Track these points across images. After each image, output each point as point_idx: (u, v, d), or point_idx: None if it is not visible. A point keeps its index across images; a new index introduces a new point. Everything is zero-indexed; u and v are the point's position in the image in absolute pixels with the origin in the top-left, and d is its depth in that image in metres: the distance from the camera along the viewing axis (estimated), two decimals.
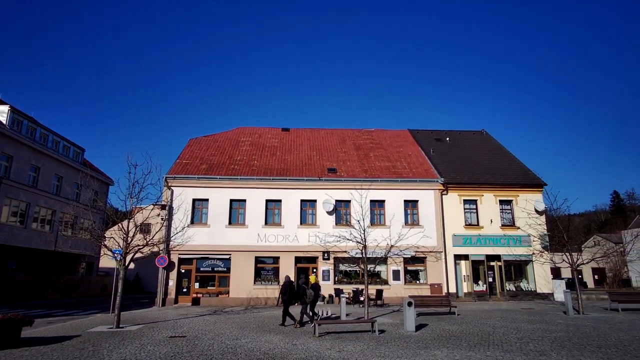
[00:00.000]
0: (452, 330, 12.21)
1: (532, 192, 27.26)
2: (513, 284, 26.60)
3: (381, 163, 28.71)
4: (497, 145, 33.34)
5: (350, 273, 25.29)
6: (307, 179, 25.89)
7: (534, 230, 24.78)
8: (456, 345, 9.46)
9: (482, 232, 26.35)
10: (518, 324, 13.64)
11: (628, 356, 8.04)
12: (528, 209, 26.14)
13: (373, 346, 9.48)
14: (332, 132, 33.52)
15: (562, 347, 9.17)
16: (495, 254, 26.07)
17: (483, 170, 28.86)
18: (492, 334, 11.35)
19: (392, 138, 33.03)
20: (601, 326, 12.89)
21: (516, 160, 30.70)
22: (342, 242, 19.63)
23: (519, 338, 10.51)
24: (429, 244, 25.38)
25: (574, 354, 8.29)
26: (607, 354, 8.33)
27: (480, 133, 35.61)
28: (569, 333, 11.36)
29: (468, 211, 27.01)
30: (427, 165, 28.58)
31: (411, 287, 24.85)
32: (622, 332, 11.45)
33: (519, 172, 28.87)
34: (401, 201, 26.33)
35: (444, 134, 34.39)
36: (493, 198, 27.06)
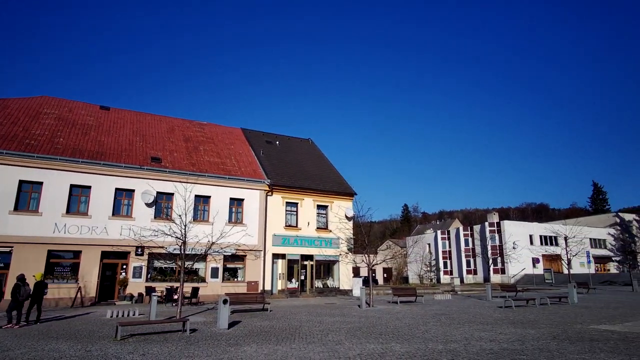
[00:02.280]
0: (264, 326, 12.73)
1: (344, 199, 30.71)
2: (321, 281, 29.37)
3: (210, 158, 28.03)
4: (320, 155, 36.46)
5: (166, 270, 23.80)
6: (126, 166, 23.34)
7: (343, 234, 27.98)
8: (265, 340, 9.89)
9: (299, 234, 28.32)
10: (321, 317, 15.11)
11: (399, 339, 9.81)
12: (340, 214, 29.35)
13: (182, 346, 9.12)
14: (161, 120, 31.09)
15: (354, 335, 10.57)
16: (309, 254, 28.37)
17: (306, 176, 31.12)
18: (298, 327, 12.27)
19: (224, 134, 32.64)
20: (384, 316, 15.37)
21: (334, 170, 34.13)
22: (160, 237, 18.31)
23: (321, 330, 11.65)
24: (250, 242, 25.91)
25: (362, 341, 9.67)
26: (386, 338, 9.98)
27: (307, 141, 38.35)
28: (360, 323, 13.16)
29: (289, 213, 28.68)
30: (256, 165, 29.23)
31: (229, 284, 24.89)
32: (397, 320, 13.89)
33: (335, 181, 32.15)
34: (227, 199, 26.21)
35: (274, 137, 35.77)
36: (312, 202, 29.42)
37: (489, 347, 8.58)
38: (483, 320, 13.53)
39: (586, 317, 14.28)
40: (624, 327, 11.66)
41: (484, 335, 10.25)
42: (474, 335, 10.28)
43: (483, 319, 14.08)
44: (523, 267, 53.39)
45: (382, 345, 9.01)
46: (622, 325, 11.91)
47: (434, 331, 11.18)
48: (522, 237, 56.05)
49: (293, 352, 8.32)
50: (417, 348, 8.66)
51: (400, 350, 8.47)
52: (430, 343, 9.27)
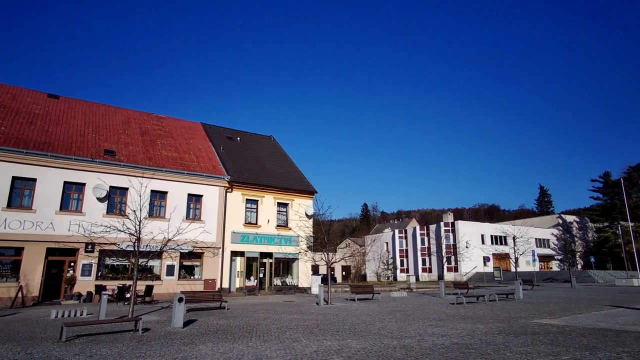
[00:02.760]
0: (220, 324, 12.53)
1: (305, 197, 30.77)
2: (280, 279, 29.29)
3: (168, 153, 27.20)
4: (282, 152, 36.32)
5: (118, 268, 22.89)
6: (77, 159, 22.21)
7: (303, 232, 28.03)
8: (221, 339, 9.74)
9: (259, 231, 28.09)
10: (279, 315, 15.08)
11: (356, 335, 9.98)
12: (300, 212, 29.39)
13: (134, 346, 8.80)
14: (116, 111, 29.78)
15: (311, 333, 10.63)
16: (269, 251, 28.22)
17: (267, 173, 30.90)
18: (256, 325, 12.18)
19: (183, 129, 31.77)
20: (342, 313, 15.56)
21: (295, 168, 34.11)
22: (112, 233, 17.59)
23: (278, 328, 11.63)
24: (208, 239, 25.41)
25: (319, 338, 9.75)
26: (342, 335, 10.12)
27: (269, 138, 38.08)
28: (318, 321, 13.26)
29: (249, 210, 28.38)
30: (216, 161, 28.68)
31: (185, 282, 24.30)
32: (355, 317, 14.11)
33: (296, 179, 32.14)
34: (185, 194, 25.57)
35: (235, 133, 35.24)
36: (272, 200, 29.26)
37: (441, 342, 8.91)
38: (436, 317, 14.01)
39: (530, 312, 15.13)
40: (563, 320, 12.47)
41: (437, 331, 10.62)
42: (427, 331, 10.63)
43: (436, 315, 14.59)
44: (475, 265, 55.81)
45: (338, 342, 9.13)
46: (561, 319, 12.73)
47: (389, 327, 11.45)
48: (475, 236, 58.58)
49: (249, 350, 8.26)
50: (373, 344, 8.84)
51: (356, 346, 8.61)
52: (385, 339, 9.49)
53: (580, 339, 9.06)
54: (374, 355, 7.60)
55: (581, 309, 16.07)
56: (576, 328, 10.84)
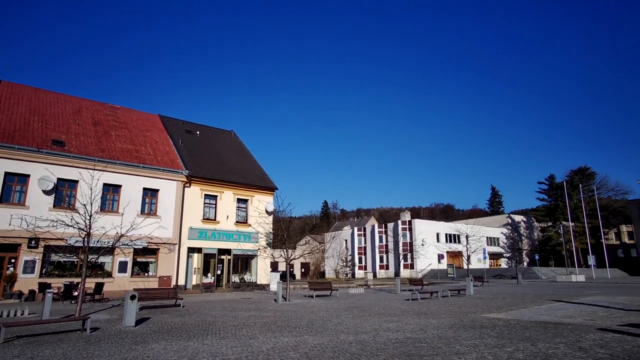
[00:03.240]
0: (175, 322, 12.23)
1: (265, 194, 30.55)
2: (238, 276, 28.95)
3: (123, 145, 26.11)
4: (242, 147, 35.84)
5: (66, 264, 21.73)
6: (20, 148, 20.85)
7: (262, 228, 27.82)
8: (176, 337, 9.51)
9: (217, 227, 27.60)
10: (236, 312, 14.92)
11: (313, 331, 10.06)
12: (260, 208, 29.15)
13: (81, 347, 8.41)
14: (66, 99, 28.19)
15: (269, 329, 10.60)
16: (227, 248, 27.80)
17: (227, 168, 30.39)
18: (212, 323, 11.99)
19: (139, 120, 30.58)
20: (299, 310, 15.62)
21: (256, 164, 33.77)
22: (59, 228, 16.64)
23: (235, 325, 11.51)
24: (164, 235, 24.67)
25: (276, 334, 9.74)
26: (299, 331, 10.17)
27: (230, 133, 37.45)
28: (275, 317, 13.24)
29: (208, 206, 27.81)
30: (174, 155, 27.87)
31: (138, 279, 23.48)
32: (312, 314, 14.21)
33: (257, 175, 31.84)
34: (140, 188, 24.67)
35: (195, 127, 34.39)
36: (232, 196, 28.83)
37: (395, 337, 9.16)
38: (391, 312, 14.38)
39: (479, 307, 15.87)
40: (509, 314, 13.18)
41: (391, 326, 10.91)
42: (382, 326, 10.90)
43: (391, 311, 14.97)
44: (430, 262, 57.71)
45: (295, 338, 9.17)
46: (507, 314, 13.45)
47: (346, 323, 11.63)
48: (430, 235, 60.55)
49: (205, 348, 8.12)
50: (329, 340, 8.95)
51: (313, 342, 8.68)
52: (342, 334, 9.64)
53: (524, 332, 9.61)
54: (330, 351, 7.70)
55: (525, 303, 17.03)
56: (520, 321, 11.49)
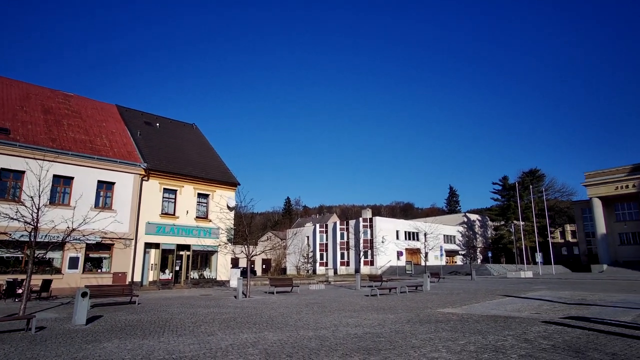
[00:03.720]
0: (130, 319, 11.83)
1: (227, 189, 30.08)
2: (197, 272, 28.37)
3: (76, 135, 24.86)
4: (204, 141, 35.06)
5: (9, 260, 20.45)
6: None
7: (223, 224, 27.38)
8: (130, 335, 9.21)
9: (177, 222, 26.90)
10: (195, 309, 14.63)
11: (273, 328, 10.05)
12: (221, 204, 28.67)
13: (24, 347, 7.96)
14: (12, 84, 26.44)
15: (228, 326, 10.48)
16: (186, 243, 27.16)
17: (188, 162, 29.64)
18: (169, 320, 11.69)
19: (94, 110, 29.19)
20: (260, 306, 15.54)
21: (218, 158, 33.16)
22: (2, 221, 15.62)
23: (193, 322, 11.29)
24: (119, 230, 23.75)
25: (235, 331, 9.65)
26: (259, 327, 10.13)
27: (191, 126, 36.52)
28: (235, 314, 13.10)
29: (167, 200, 27.03)
30: (132, 147, 26.85)
31: (91, 276, 22.48)
32: (273, 310, 14.18)
33: (219, 169, 31.27)
34: (94, 181, 23.60)
35: (154, 119, 33.27)
36: (192, 190, 28.17)
37: (354, 332, 9.32)
38: (351, 308, 14.61)
39: (435, 302, 16.43)
40: (462, 309, 13.74)
41: (351, 322, 11.09)
42: (341, 322, 11.05)
43: (351, 306, 15.20)
44: (389, 259, 58.96)
45: (255, 335, 9.12)
46: (461, 308, 14.02)
47: (306, 319, 11.70)
48: (390, 232, 61.87)
49: (161, 346, 7.91)
50: (289, 335, 8.97)
51: (272, 338, 8.68)
52: (302, 330, 9.69)
53: (475, 325, 10.06)
54: (290, 347, 7.73)
55: (478, 298, 17.80)
56: (473, 316, 12.01)
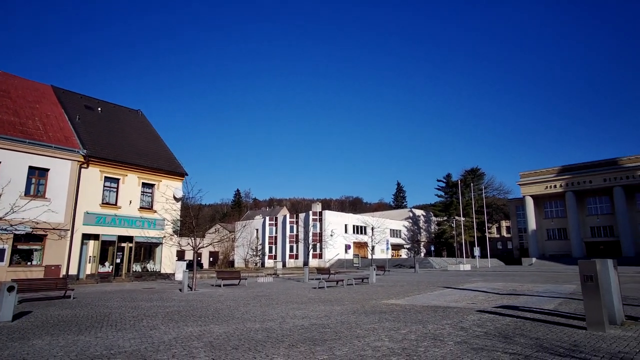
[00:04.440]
0: (63, 315, 11.15)
1: (174, 179, 29.07)
2: (140, 265, 27.24)
3: (4, 116, 22.87)
4: (150, 129, 33.58)
5: None
6: None
7: (169, 215, 26.46)
8: (63, 331, 8.69)
9: (119, 212, 25.63)
10: (137, 302, 14.06)
11: (219, 320, 9.92)
12: (167, 194, 27.66)
13: None
14: None
15: (171, 320, 10.19)
16: (129, 235, 25.98)
17: (132, 150, 28.27)
18: (108, 315, 11.16)
19: (27, 90, 26.96)
20: (206, 299, 15.25)
21: (165, 147, 31.92)
22: None
23: (135, 316, 10.85)
24: (54, 220, 22.23)
25: (179, 325, 9.41)
26: (205, 321, 9.95)
27: (136, 112, 34.82)
28: (180, 307, 12.76)
29: (108, 189, 25.67)
30: (69, 131, 25.15)
31: (19, 269, 20.89)
32: (219, 303, 13.97)
33: (165, 158, 30.12)
34: (25, 167, 21.87)
35: (96, 103, 31.34)
36: (137, 179, 26.95)
37: (301, 324, 9.42)
38: (298, 300, 14.73)
39: (380, 294, 16.97)
40: (405, 300, 14.32)
41: (298, 313, 11.19)
42: (289, 314, 11.12)
43: (299, 299, 15.33)
44: (337, 252, 59.99)
45: (200, 328, 8.96)
46: (404, 300, 14.61)
47: (253, 312, 11.65)
48: (339, 226, 62.89)
49: (98, 342, 7.54)
50: (236, 328, 8.90)
51: (218, 331, 8.56)
52: (249, 323, 9.64)
53: (417, 315, 10.54)
54: (236, 339, 7.67)
55: (420, 290, 18.62)
56: (415, 306, 12.56)
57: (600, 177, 60.34)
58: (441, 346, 6.84)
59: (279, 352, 6.60)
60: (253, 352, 6.63)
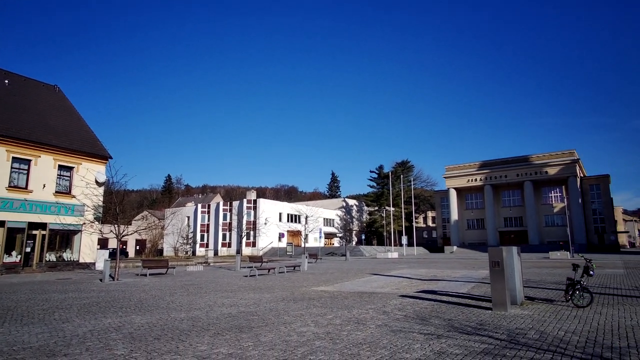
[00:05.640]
0: None
1: (96, 162, 27.09)
2: (55, 254, 25.16)
3: None
4: (69, 107, 30.86)
5: None
6: None
7: (90, 201, 24.66)
8: None
9: (29, 197, 23.39)
10: (49, 294, 13.02)
11: (142, 311, 9.51)
12: (88, 178, 25.73)
13: None
14: None
15: (88, 312, 9.58)
16: (42, 222, 23.85)
17: (46, 129, 25.82)
18: (13, 308, 10.21)
19: None
20: (129, 289, 14.51)
21: (86, 127, 29.57)
22: None
23: (45, 309, 10.05)
24: None
25: (97, 316, 8.88)
26: (126, 311, 9.49)
27: (53, 88, 31.75)
28: (99, 299, 12.02)
29: (17, 171, 23.29)
30: None
31: None
32: (143, 293, 13.38)
33: (86, 140, 27.93)
34: None
35: (3, 74, 28.06)
36: (52, 161, 24.73)
37: (228, 312, 9.35)
38: (228, 289, 14.55)
39: (310, 281, 17.30)
40: (334, 287, 14.75)
41: (226, 302, 11.07)
42: (217, 302, 10.96)
43: (229, 287, 15.15)
44: (271, 240, 59.95)
45: (120, 319, 8.53)
46: (333, 286, 15.04)
47: (180, 301, 11.32)
48: (274, 214, 62.76)
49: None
50: (159, 318, 8.61)
51: (140, 321, 8.22)
52: (174, 312, 9.37)
53: (343, 301, 10.92)
54: (159, 329, 7.43)
55: (349, 277, 19.26)
56: (342, 292, 12.99)
57: (514, 172, 66.28)
58: (363, 329, 7.17)
59: (203, 340, 6.52)
60: (176, 341, 6.47)
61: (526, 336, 6.46)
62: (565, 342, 6.10)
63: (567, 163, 62.09)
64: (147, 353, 5.77)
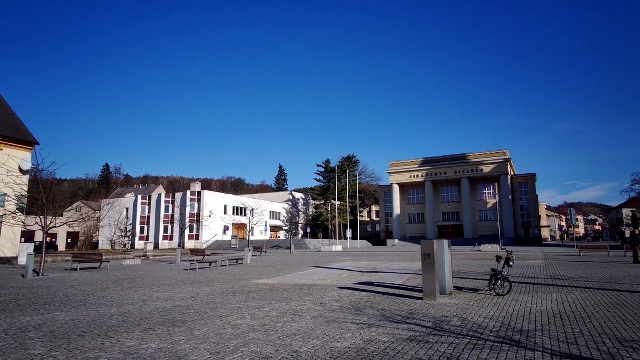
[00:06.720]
0: None
1: (20, 148, 25.02)
2: None
3: None
4: None
5: None
6: None
7: (11, 190, 22.70)
8: None
9: None
10: None
11: (67, 307, 8.96)
12: (10, 165, 23.67)
13: None
14: None
15: (5, 310, 8.88)
16: None
17: None
18: None
19: None
20: (55, 285, 13.61)
21: (9, 110, 27.12)
22: None
23: None
24: None
25: (14, 314, 8.25)
26: (49, 309, 8.90)
27: None
28: (19, 295, 11.17)
29: None
30: None
31: None
32: (72, 289, 12.61)
33: (9, 124, 25.66)
34: None
35: None
36: None
37: (163, 306, 9.08)
38: (166, 283, 14.10)
39: (252, 274, 17.20)
40: (275, 280, 14.79)
41: (162, 296, 10.74)
42: (152, 297, 10.60)
43: (166, 281, 14.68)
44: (215, 234, 58.69)
45: (41, 317, 7.99)
46: (274, 279, 15.07)
47: (111, 296, 10.82)
48: (219, 206, 61.47)
49: None
50: (87, 314, 8.17)
51: (64, 318, 7.76)
52: (104, 308, 8.94)
53: (283, 294, 10.99)
54: (85, 326, 7.07)
55: (292, 270, 19.38)
56: (283, 285, 13.06)
57: (452, 170, 69.85)
58: (299, 321, 7.29)
59: (133, 336, 6.30)
60: (103, 338, 6.20)
61: (450, 323, 6.91)
62: (483, 327, 6.61)
63: (500, 162, 66.46)
64: (69, 351, 5.47)
